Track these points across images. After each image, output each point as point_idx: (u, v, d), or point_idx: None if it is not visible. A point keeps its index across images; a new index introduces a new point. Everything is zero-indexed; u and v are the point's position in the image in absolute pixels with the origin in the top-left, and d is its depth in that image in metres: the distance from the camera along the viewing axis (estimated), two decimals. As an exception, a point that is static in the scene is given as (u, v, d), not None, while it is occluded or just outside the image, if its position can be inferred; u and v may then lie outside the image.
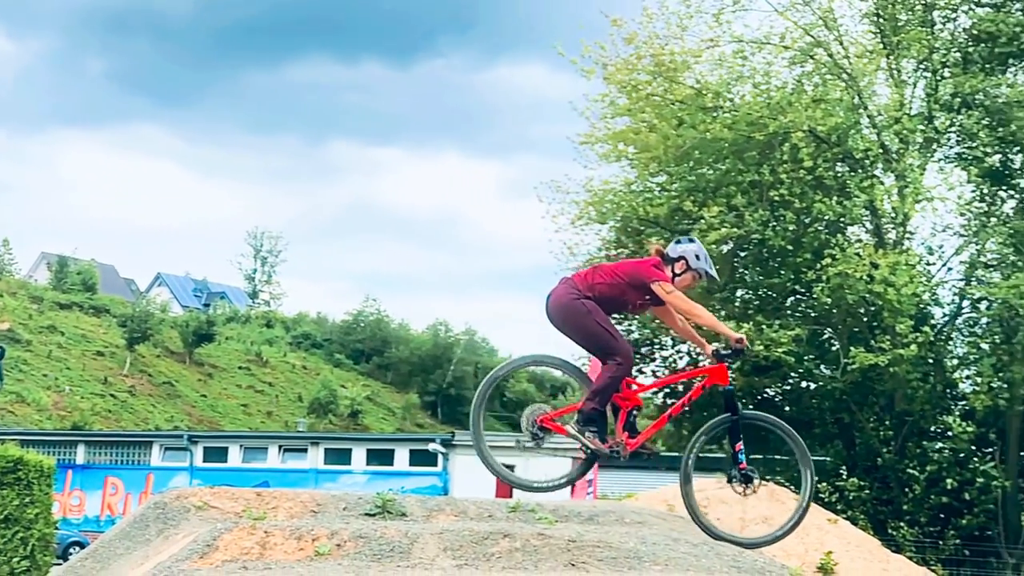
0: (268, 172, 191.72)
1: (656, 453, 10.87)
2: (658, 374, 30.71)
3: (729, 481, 10.84)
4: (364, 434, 74.29)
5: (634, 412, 10.56)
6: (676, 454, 32.91)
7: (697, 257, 10.50)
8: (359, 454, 48.37)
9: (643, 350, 31.34)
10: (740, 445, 10.64)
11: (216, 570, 9.48)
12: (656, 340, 31.37)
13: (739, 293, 31.56)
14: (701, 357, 9.40)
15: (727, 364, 10.57)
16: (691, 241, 10.75)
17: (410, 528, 10.94)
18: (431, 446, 46.75)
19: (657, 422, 11.13)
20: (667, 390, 28.19)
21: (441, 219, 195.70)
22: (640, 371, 30.52)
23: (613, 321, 10.53)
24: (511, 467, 38.21)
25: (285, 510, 11.54)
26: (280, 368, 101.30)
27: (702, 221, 28.35)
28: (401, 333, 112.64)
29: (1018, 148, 29.67)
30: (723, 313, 30.13)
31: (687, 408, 11.33)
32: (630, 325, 29.94)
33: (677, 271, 10.49)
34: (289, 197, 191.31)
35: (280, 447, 49.95)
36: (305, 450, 49.13)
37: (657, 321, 15.97)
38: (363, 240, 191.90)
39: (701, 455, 11.25)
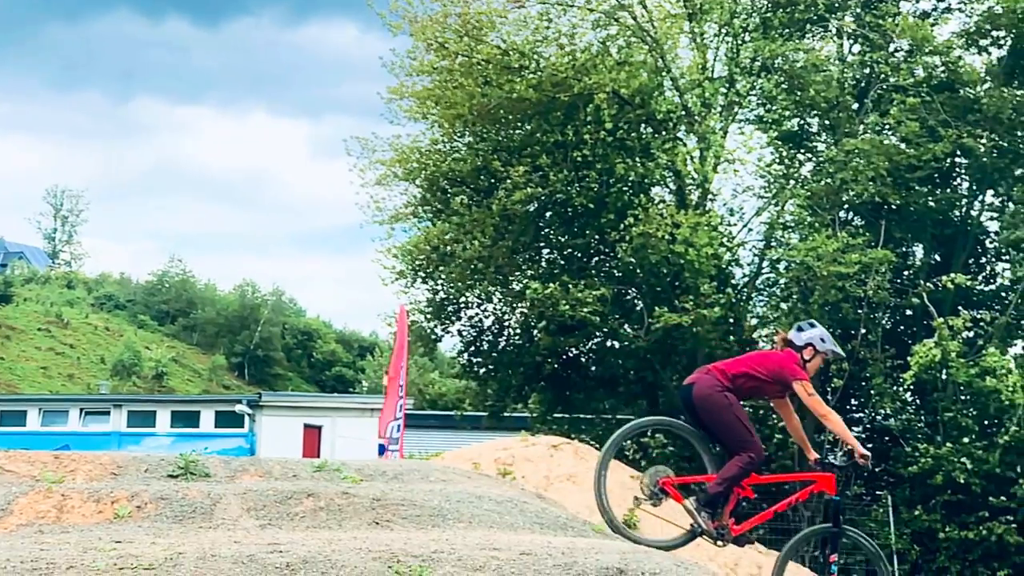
0: (69, 129, 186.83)
1: (753, 541, 11.12)
2: None
3: None
4: (169, 396, 73.13)
5: (743, 502, 10.79)
6: (480, 413, 33.22)
7: (823, 340, 10.82)
8: (163, 416, 47.56)
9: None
10: (834, 557, 10.81)
11: (11, 534, 9.28)
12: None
13: (545, 253, 31.78)
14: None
15: (836, 475, 10.79)
16: (812, 326, 11.00)
17: (213, 489, 10.84)
18: (237, 407, 46.20)
19: (762, 514, 11.18)
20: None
21: (249, 179, 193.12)
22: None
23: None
24: (318, 427, 37.77)
25: (84, 473, 11.34)
26: (82, 330, 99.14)
27: (507, 181, 28.48)
28: (207, 294, 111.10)
29: (815, 112, 30.37)
30: (529, 274, 30.38)
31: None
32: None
33: (807, 357, 10.79)
34: (92, 155, 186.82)
35: (81, 410, 48.80)
36: (107, 413, 48.09)
37: None
38: (169, 200, 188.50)
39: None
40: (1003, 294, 31.36)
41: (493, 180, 29.46)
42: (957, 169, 31.46)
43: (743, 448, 10.55)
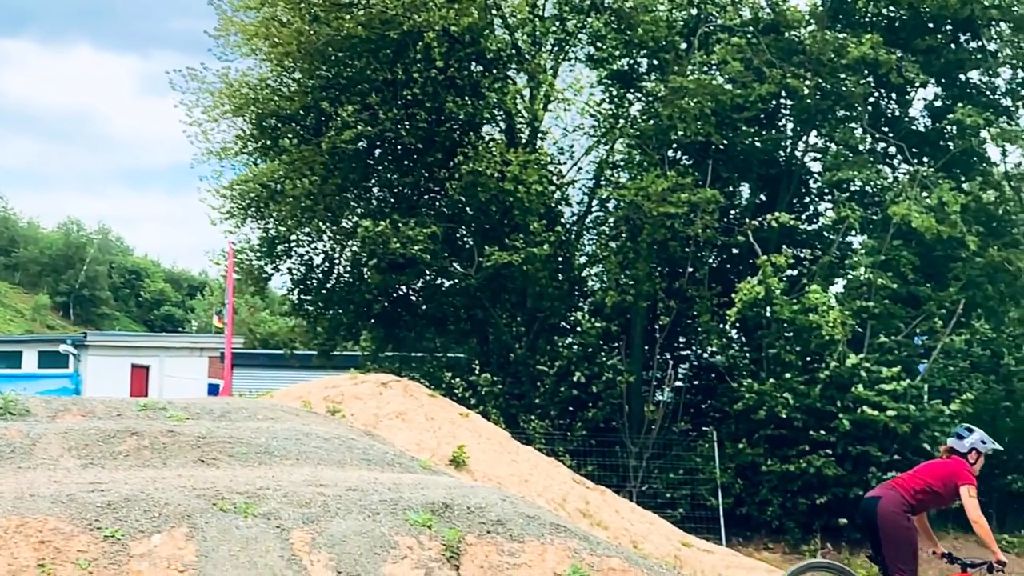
0: None
1: None
2: None
3: None
4: (-11, 337, 71.62)
5: None
6: (310, 351, 33.06)
7: (983, 442, 11.96)
8: (-17, 357, 46.69)
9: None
10: None
11: None
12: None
13: (375, 191, 31.65)
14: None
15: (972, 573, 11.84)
16: (970, 431, 12.11)
17: (32, 428, 10.67)
18: (62, 347, 45.51)
19: None
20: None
21: (74, 115, 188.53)
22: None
23: None
24: (146, 367, 37.18)
25: (-103, 414, 11.09)
26: None
27: (337, 119, 28.26)
28: (30, 232, 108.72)
29: (644, 51, 30.54)
30: (359, 211, 30.25)
31: None
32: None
33: (972, 460, 11.79)
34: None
35: None
36: (-76, 354, 47.10)
37: None
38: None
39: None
40: (825, 233, 32.01)
41: (322, 118, 29.20)
42: (782, 110, 31.94)
43: (902, 571, 11.42)
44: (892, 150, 31.09)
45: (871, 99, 30.95)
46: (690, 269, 30.05)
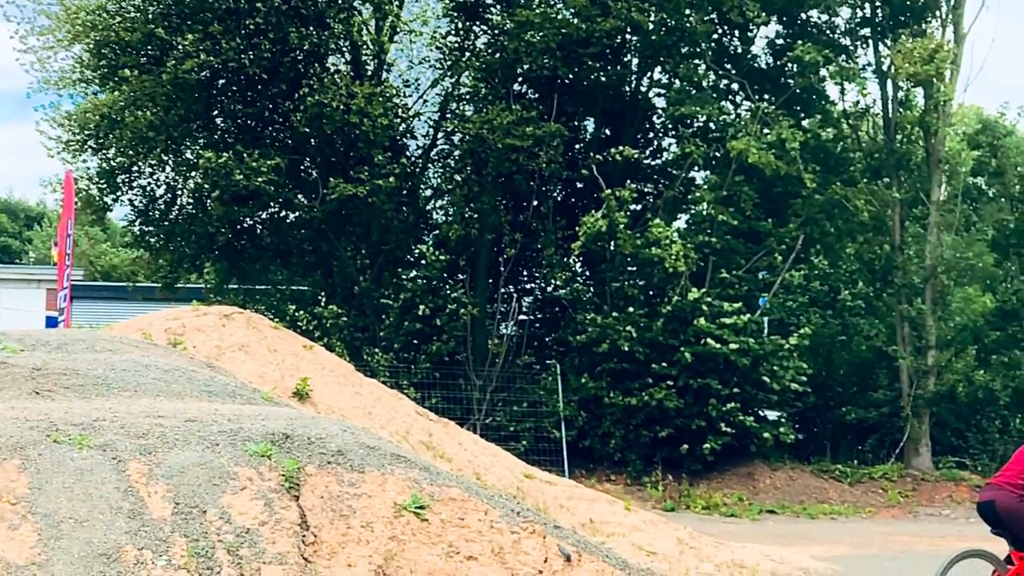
0: None
1: None
2: None
3: None
4: None
5: None
6: (153, 284, 32.61)
7: None
8: None
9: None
10: None
11: None
12: None
13: (218, 122, 31.17)
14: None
15: None
16: None
17: None
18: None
19: None
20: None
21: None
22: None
23: None
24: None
25: None
26: None
27: (178, 48, 27.79)
28: None
29: (491, -19, 30.50)
30: (201, 142, 29.82)
31: None
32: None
33: None
34: None
35: None
36: None
37: None
38: None
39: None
40: (669, 168, 32.35)
41: (164, 47, 28.67)
42: (627, 45, 32.08)
43: None
44: (735, 87, 31.49)
45: (714, 36, 31.24)
46: (535, 203, 30.22)
